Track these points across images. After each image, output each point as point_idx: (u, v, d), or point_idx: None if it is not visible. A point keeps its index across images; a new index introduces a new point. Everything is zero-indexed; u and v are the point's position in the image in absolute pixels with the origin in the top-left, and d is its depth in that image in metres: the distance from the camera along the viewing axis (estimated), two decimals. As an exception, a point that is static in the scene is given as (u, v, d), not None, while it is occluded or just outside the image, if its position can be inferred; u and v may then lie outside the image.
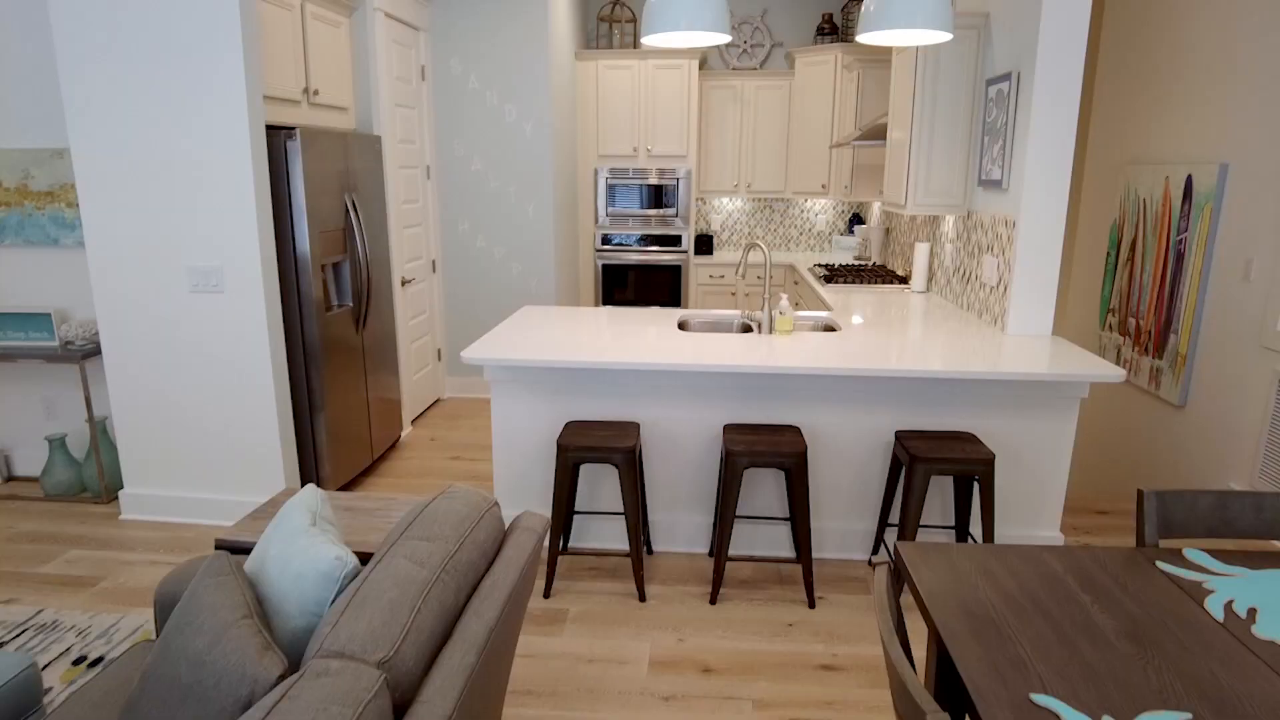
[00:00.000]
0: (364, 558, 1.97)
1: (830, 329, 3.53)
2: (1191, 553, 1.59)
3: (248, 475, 3.40)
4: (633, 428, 2.91)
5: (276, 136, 3.25)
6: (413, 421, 4.85)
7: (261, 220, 3.17)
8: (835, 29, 5.82)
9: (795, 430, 2.87)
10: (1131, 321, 4.40)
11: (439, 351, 5.21)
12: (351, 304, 3.77)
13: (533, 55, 4.84)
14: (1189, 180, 3.86)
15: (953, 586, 1.44)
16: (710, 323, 3.61)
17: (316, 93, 3.68)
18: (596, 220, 6.02)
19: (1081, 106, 4.81)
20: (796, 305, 5.46)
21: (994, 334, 3.25)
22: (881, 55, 5.29)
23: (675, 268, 6.03)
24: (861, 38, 2.73)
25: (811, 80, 5.73)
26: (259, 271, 3.19)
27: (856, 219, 6.36)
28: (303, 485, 3.58)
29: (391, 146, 4.38)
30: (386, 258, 4.22)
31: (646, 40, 2.73)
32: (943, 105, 3.66)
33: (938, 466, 2.67)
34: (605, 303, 6.14)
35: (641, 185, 5.92)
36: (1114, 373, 2.67)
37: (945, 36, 2.69)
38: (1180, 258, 3.94)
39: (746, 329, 3.58)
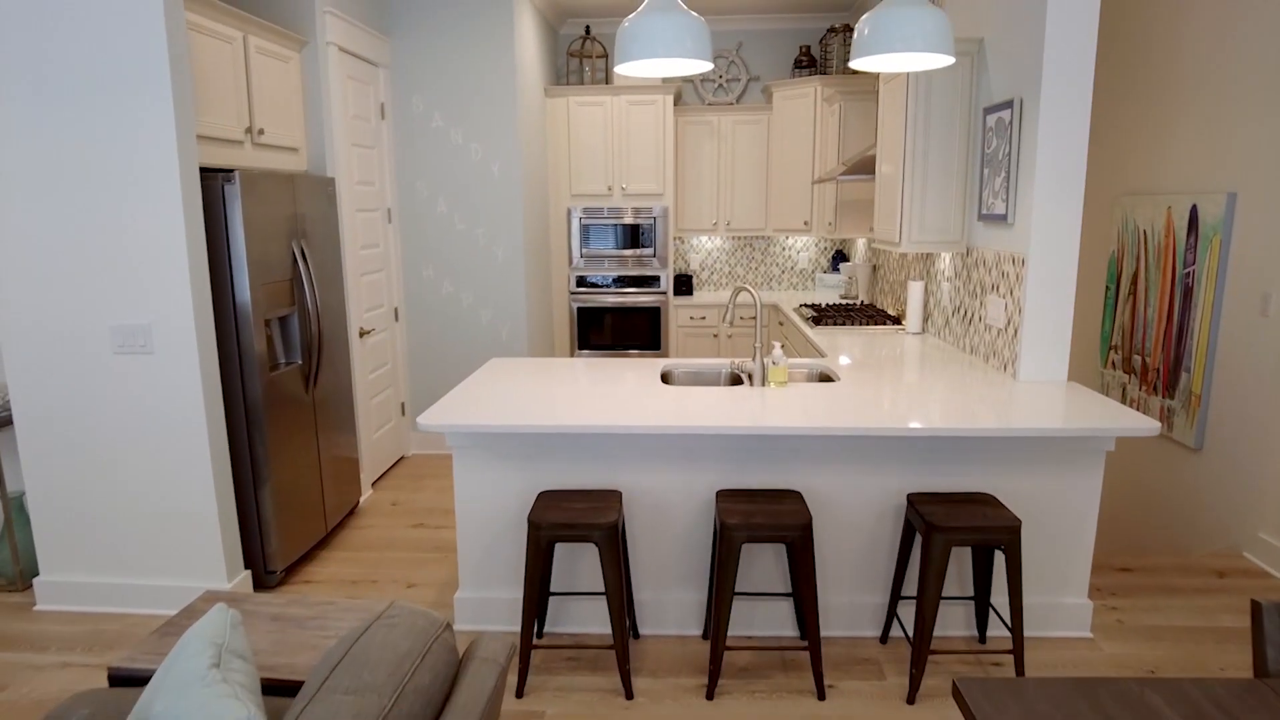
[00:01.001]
0: (293, 687, 1.62)
1: (826, 378, 3.25)
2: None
3: (183, 556, 3.02)
4: (613, 497, 2.59)
5: (213, 180, 2.93)
6: (374, 483, 4.48)
7: (195, 272, 2.84)
8: (814, 61, 5.65)
9: (796, 496, 2.56)
10: (1137, 359, 4.17)
11: (402, 406, 4.86)
12: (301, 360, 3.43)
13: (499, 92, 4.59)
14: (1194, 210, 3.66)
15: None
16: (696, 373, 3.32)
17: (261, 132, 3.38)
18: (570, 262, 5.74)
19: (1071, 137, 4.64)
20: (783, 345, 5.19)
21: (1004, 381, 2.98)
22: (864, 87, 5.12)
23: (654, 309, 5.76)
24: (856, 63, 2.49)
25: (790, 114, 5.54)
26: (193, 328, 2.85)
27: (840, 256, 6.15)
28: (246, 566, 3.20)
29: (348, 189, 4.08)
30: (342, 308, 3.89)
31: (621, 69, 2.47)
32: (936, 136, 3.45)
33: (958, 536, 2.37)
34: (581, 348, 5.84)
35: (616, 225, 5.67)
36: (1146, 425, 2.40)
37: (947, 60, 2.45)
38: (1189, 292, 3.73)
39: (736, 380, 3.29)
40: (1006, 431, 2.40)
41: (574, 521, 2.41)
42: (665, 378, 3.26)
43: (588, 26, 5.75)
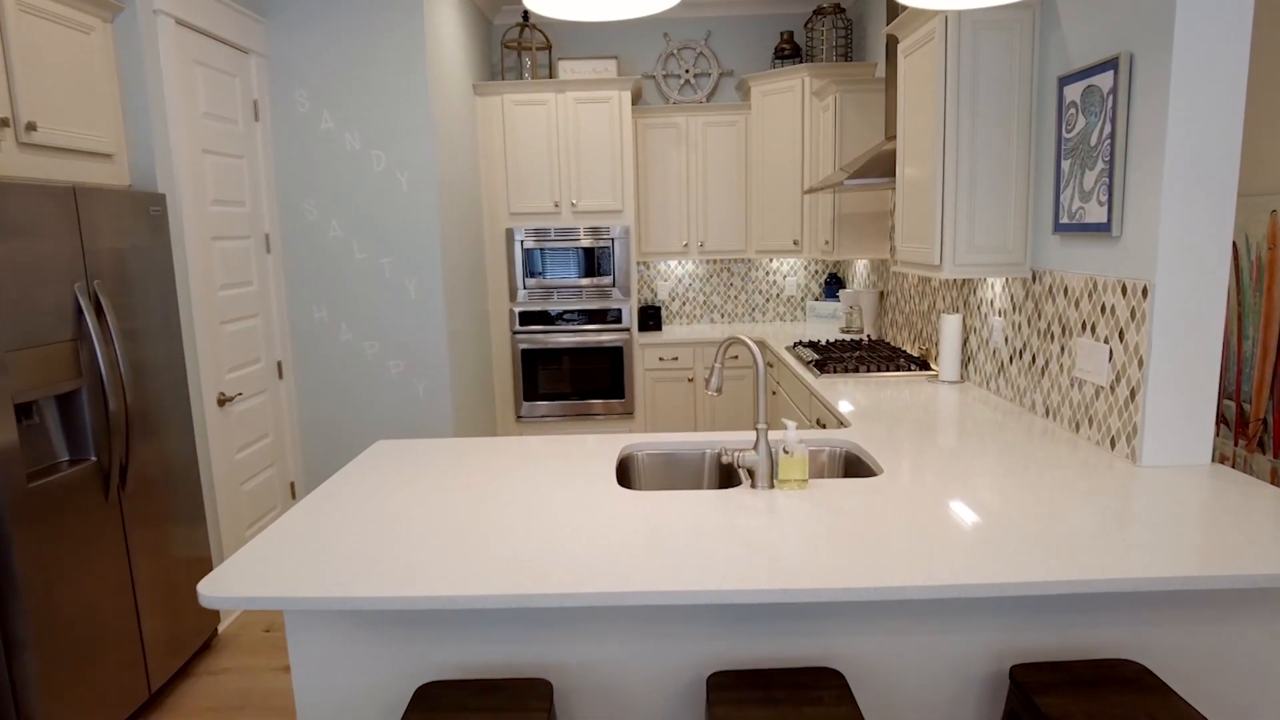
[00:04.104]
0: None
1: (854, 462, 2.27)
2: None
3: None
4: (538, 691, 1.57)
5: (-84, 194, 1.89)
6: (248, 596, 3.39)
7: None
8: (798, 50, 4.74)
9: (834, 678, 1.57)
10: (1229, 406, 3.26)
11: (292, 487, 3.79)
12: (95, 455, 2.37)
13: (407, 87, 3.60)
14: (1319, 216, 2.77)
15: None
16: (669, 458, 2.32)
17: (32, 127, 2.34)
18: (513, 295, 4.73)
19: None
20: (774, 392, 4.22)
21: (1119, 466, 2.03)
22: (862, 75, 4.22)
23: (615, 350, 4.76)
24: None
25: (773, 112, 4.62)
26: (-127, 429, 1.79)
27: (835, 281, 5.21)
28: (-4, 775, 2.11)
29: (197, 210, 3.05)
30: (180, 371, 2.84)
31: (540, 8, 1.49)
32: (987, 122, 2.52)
33: (1121, 765, 1.38)
34: (529, 398, 4.81)
35: (568, 248, 4.68)
36: None
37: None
38: (1314, 323, 2.82)
39: (729, 476, 2.30)
40: (1185, 583, 1.43)
41: (462, 768, 1.38)
42: (624, 471, 2.26)
43: (525, 13, 4.79)
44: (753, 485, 1.93)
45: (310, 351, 3.77)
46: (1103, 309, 2.17)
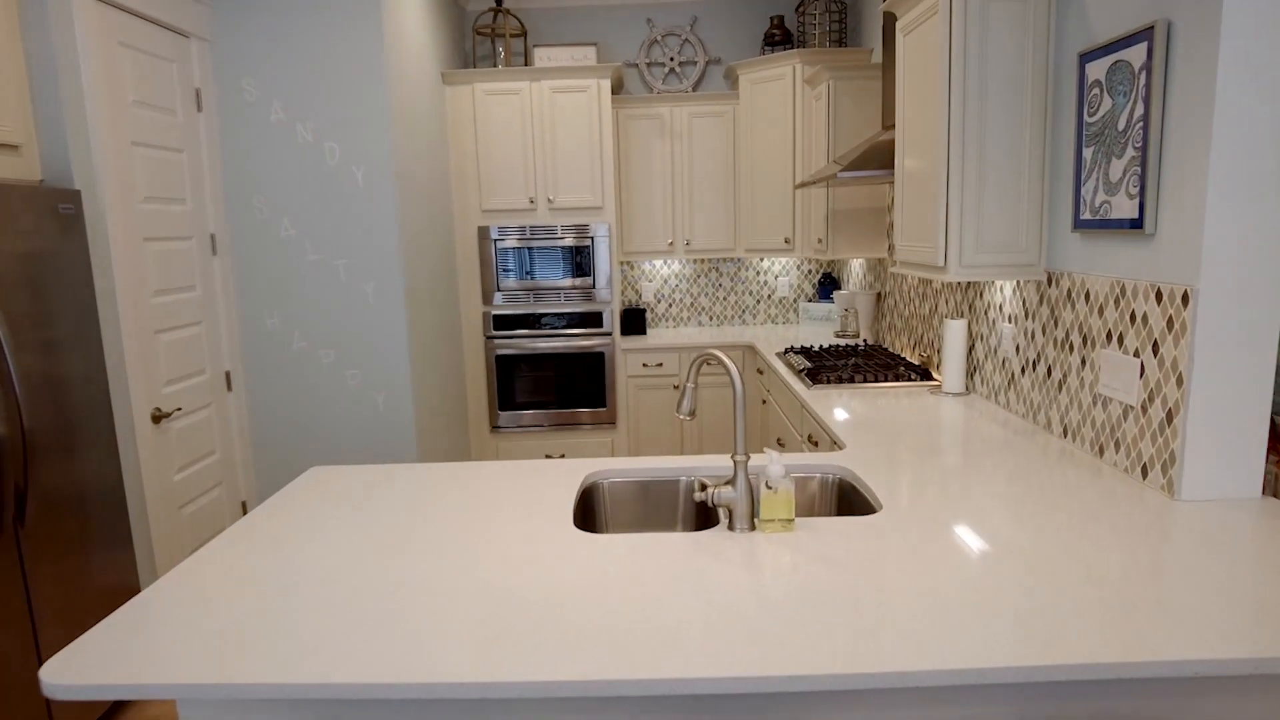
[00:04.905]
0: None
1: (849, 491, 2.00)
2: None
3: None
4: (469, 790, 1.29)
5: None
6: (190, 629, 3.11)
7: None
8: (789, 36, 4.46)
9: (825, 774, 1.29)
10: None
11: (244, 506, 3.51)
12: (-13, 488, 2.08)
13: (363, 74, 3.31)
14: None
15: None
16: (642, 489, 2.04)
17: (-89, 114, 2.05)
18: (487, 297, 4.45)
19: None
20: (764, 400, 3.95)
21: (1154, 500, 1.75)
22: (858, 61, 3.94)
23: (597, 355, 4.48)
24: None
25: (763, 102, 4.34)
26: None
27: (829, 280, 4.93)
28: None
29: (124, 208, 2.76)
30: (102, 387, 2.55)
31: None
32: (996, 106, 2.24)
33: None
34: (504, 407, 4.53)
35: (545, 248, 4.40)
36: None
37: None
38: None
39: (705, 515, 2.02)
40: (1254, 666, 1.16)
41: None
42: (589, 503, 1.98)
43: (500, -3, 4.50)
44: (730, 527, 1.65)
45: (261, 361, 3.48)
46: (1132, 317, 1.90)
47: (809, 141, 4.15)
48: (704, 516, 2.03)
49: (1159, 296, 1.79)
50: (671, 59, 4.77)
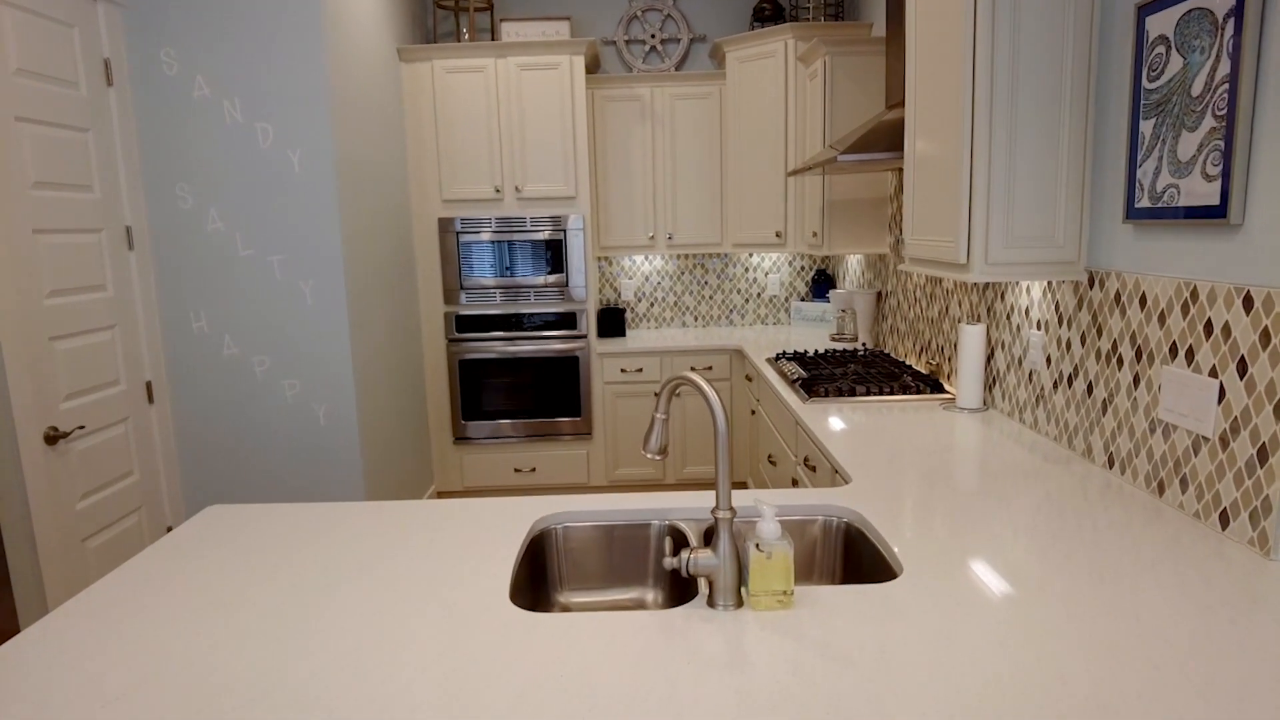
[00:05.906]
0: None
1: (855, 539, 1.63)
2: None
3: None
4: None
5: None
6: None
7: None
8: (780, 10, 4.08)
9: None
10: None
11: (169, 532, 3.11)
12: None
13: (299, 46, 2.92)
14: None
15: None
16: (604, 535, 1.67)
17: None
18: (449, 296, 4.06)
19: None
20: (753, 411, 3.58)
21: (1241, 558, 1.40)
22: (857, 35, 3.57)
23: (571, 359, 4.11)
24: None
25: (752, 82, 3.96)
26: None
27: (823, 278, 4.57)
28: None
29: (4, 195, 2.35)
30: (-29, 407, 2.16)
31: None
32: (1030, 75, 1.88)
33: None
34: (468, 417, 4.15)
35: (513, 241, 4.02)
36: None
37: None
38: None
39: (679, 585, 1.65)
40: None
41: None
42: (537, 556, 1.61)
43: (464, -34, 4.10)
44: (711, 602, 1.28)
45: (187, 369, 3.09)
46: (1208, 328, 1.54)
47: (803, 125, 3.78)
48: (681, 580, 1.66)
49: (1247, 302, 1.44)
50: (653, 35, 4.39)
